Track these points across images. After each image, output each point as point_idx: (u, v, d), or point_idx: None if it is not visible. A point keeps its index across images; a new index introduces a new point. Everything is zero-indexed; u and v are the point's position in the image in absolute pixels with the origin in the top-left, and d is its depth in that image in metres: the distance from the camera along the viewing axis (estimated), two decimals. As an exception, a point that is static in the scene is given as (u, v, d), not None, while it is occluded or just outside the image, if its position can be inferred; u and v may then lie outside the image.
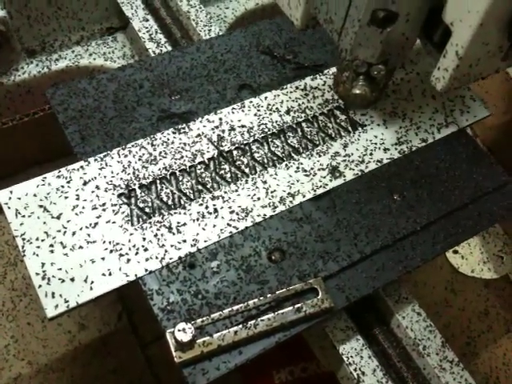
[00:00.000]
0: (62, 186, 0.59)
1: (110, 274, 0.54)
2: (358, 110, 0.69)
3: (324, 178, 0.63)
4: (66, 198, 0.58)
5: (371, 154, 0.66)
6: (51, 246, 0.55)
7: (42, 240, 0.55)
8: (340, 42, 0.60)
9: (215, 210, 0.60)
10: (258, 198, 0.61)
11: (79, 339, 0.81)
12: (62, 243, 0.55)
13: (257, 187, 0.62)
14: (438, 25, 0.55)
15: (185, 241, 0.57)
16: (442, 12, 0.53)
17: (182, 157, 0.63)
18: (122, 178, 0.60)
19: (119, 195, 0.59)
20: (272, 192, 0.62)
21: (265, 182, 0.62)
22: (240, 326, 0.53)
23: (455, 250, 1.01)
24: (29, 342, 0.81)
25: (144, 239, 0.57)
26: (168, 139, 0.64)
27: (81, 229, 0.56)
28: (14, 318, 0.83)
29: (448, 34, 0.53)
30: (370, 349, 0.60)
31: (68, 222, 0.57)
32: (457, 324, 0.94)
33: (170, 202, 0.60)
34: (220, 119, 0.66)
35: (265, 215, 0.60)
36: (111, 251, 0.55)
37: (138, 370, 0.81)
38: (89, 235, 0.56)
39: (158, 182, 0.61)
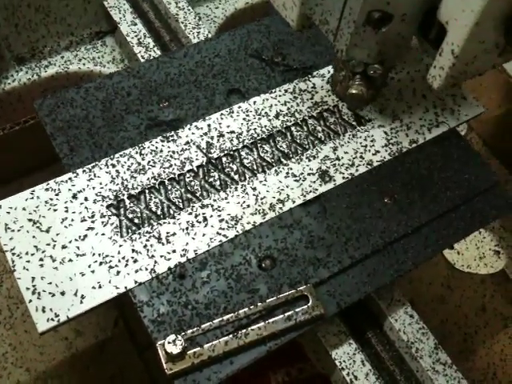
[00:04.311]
0: (51, 199, 0.59)
1: (99, 287, 0.54)
2: (355, 108, 0.69)
3: (314, 182, 0.63)
4: (55, 210, 0.58)
5: (361, 157, 0.66)
6: (41, 259, 0.55)
7: (32, 254, 0.55)
8: (336, 43, 0.60)
9: (204, 219, 0.59)
10: (248, 206, 0.61)
11: (76, 346, 0.82)
12: (51, 257, 0.55)
13: (246, 194, 0.62)
14: (434, 23, 0.55)
15: (174, 251, 0.57)
16: (437, 11, 0.53)
17: (171, 165, 0.63)
18: (110, 189, 0.60)
19: (108, 206, 0.59)
20: (262, 199, 0.61)
21: (254, 189, 0.62)
22: (230, 335, 0.53)
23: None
24: (26, 350, 0.81)
25: (133, 250, 0.57)
26: (156, 148, 0.64)
27: (70, 242, 0.56)
28: (12, 325, 0.83)
29: (444, 32, 0.53)
30: (363, 352, 0.61)
31: (57, 235, 0.57)
32: (453, 320, 0.94)
33: (159, 212, 0.60)
34: (208, 126, 0.66)
35: (255, 222, 0.60)
36: (101, 263, 0.56)
37: (136, 376, 0.82)
38: (78, 248, 0.56)
39: (146, 191, 0.61)
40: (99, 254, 0.56)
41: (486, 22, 0.49)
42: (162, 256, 0.57)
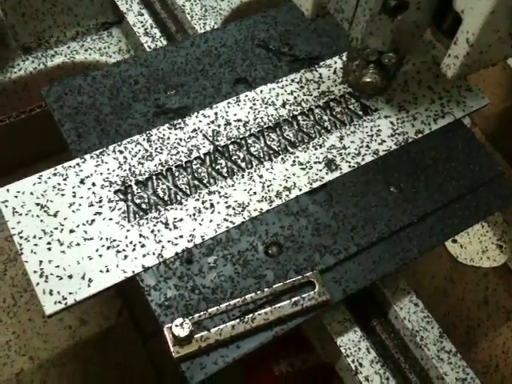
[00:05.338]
0: (59, 184, 0.59)
1: (107, 271, 0.54)
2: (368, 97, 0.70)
3: (320, 171, 0.63)
4: (63, 195, 0.58)
5: (367, 146, 0.66)
6: (48, 243, 0.55)
7: (40, 238, 0.56)
8: (351, 31, 0.61)
9: (211, 205, 0.60)
10: (255, 193, 0.61)
11: (80, 334, 0.82)
12: (59, 241, 0.56)
13: (253, 181, 0.62)
14: (448, 12, 0.55)
15: (181, 236, 0.57)
16: (452, 0, 0.53)
17: (178, 152, 0.63)
18: (118, 175, 0.60)
19: (115, 192, 0.59)
20: (268, 186, 0.62)
21: (261, 176, 0.62)
22: (237, 320, 0.53)
23: (454, 239, 1.01)
24: (30, 338, 0.81)
25: (141, 235, 0.57)
26: (164, 135, 0.64)
27: (78, 226, 0.57)
28: (15, 314, 0.83)
29: (458, 22, 0.54)
30: (368, 340, 0.61)
31: (65, 219, 0.57)
32: (456, 313, 0.94)
33: (166, 198, 0.60)
34: (215, 114, 0.66)
35: (261, 209, 0.60)
36: (108, 248, 0.56)
37: (140, 364, 0.82)
38: (86, 232, 0.56)
39: (154, 177, 0.61)
40: (107, 239, 0.56)
41: (501, 11, 0.49)
42: (169, 241, 0.57)
